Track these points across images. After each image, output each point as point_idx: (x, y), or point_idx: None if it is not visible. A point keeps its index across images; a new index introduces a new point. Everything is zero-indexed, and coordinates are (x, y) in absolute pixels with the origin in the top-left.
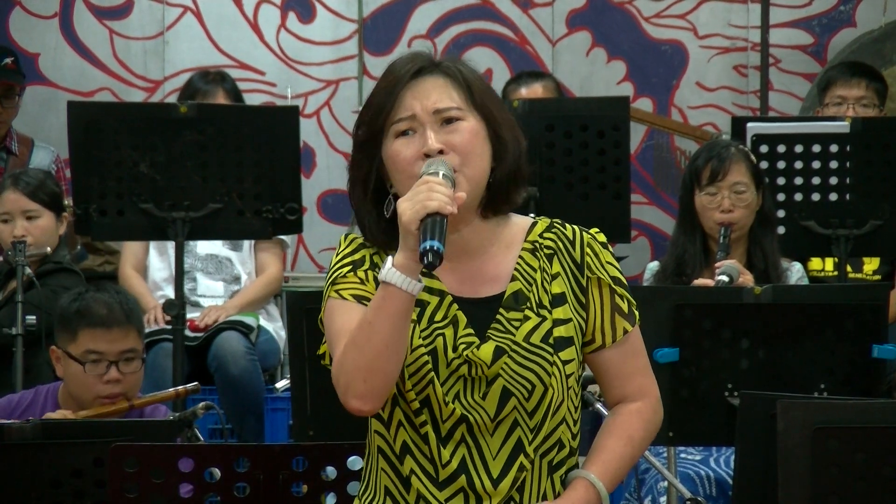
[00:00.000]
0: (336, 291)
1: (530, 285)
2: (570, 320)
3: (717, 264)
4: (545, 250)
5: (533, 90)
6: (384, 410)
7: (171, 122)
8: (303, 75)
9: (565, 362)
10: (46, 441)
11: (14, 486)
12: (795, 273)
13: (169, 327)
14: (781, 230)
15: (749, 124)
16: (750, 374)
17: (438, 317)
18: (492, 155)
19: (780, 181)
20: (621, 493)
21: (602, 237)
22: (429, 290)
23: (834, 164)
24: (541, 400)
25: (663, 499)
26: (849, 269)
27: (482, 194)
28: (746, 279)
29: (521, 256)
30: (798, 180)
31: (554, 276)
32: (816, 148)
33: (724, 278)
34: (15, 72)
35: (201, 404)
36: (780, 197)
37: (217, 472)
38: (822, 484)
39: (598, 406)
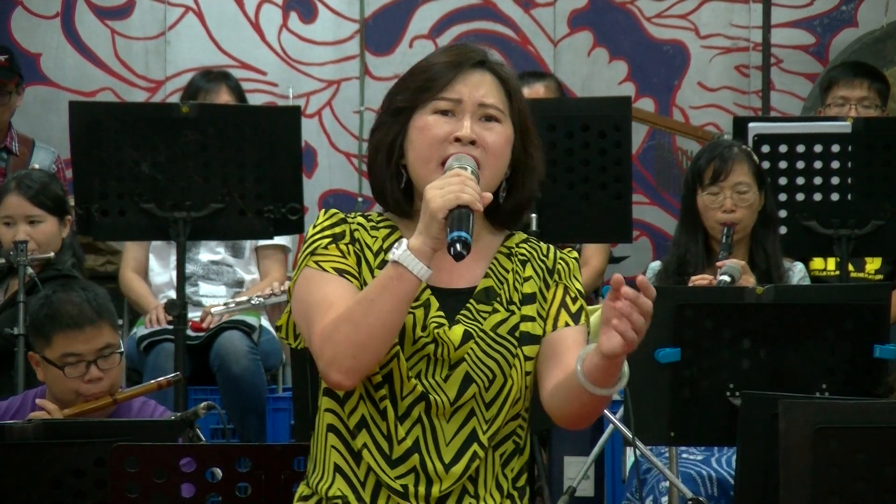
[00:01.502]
0: (316, 262)
1: (501, 284)
2: (535, 319)
3: (719, 264)
4: (519, 256)
5: (534, 90)
6: None
7: (173, 122)
8: (304, 75)
9: (527, 358)
10: (47, 441)
11: (15, 486)
12: (797, 273)
13: (171, 327)
14: (783, 230)
15: (751, 124)
16: (751, 374)
17: (412, 302)
18: (511, 167)
19: (782, 181)
20: (623, 493)
21: (574, 254)
22: None
23: (836, 164)
24: (500, 391)
25: (665, 499)
26: (851, 268)
27: (492, 190)
28: (748, 279)
29: (495, 258)
30: (800, 180)
31: (526, 279)
32: (818, 148)
33: (726, 278)
34: (8, 69)
35: (203, 404)
36: (782, 197)
37: (218, 472)
38: (823, 484)
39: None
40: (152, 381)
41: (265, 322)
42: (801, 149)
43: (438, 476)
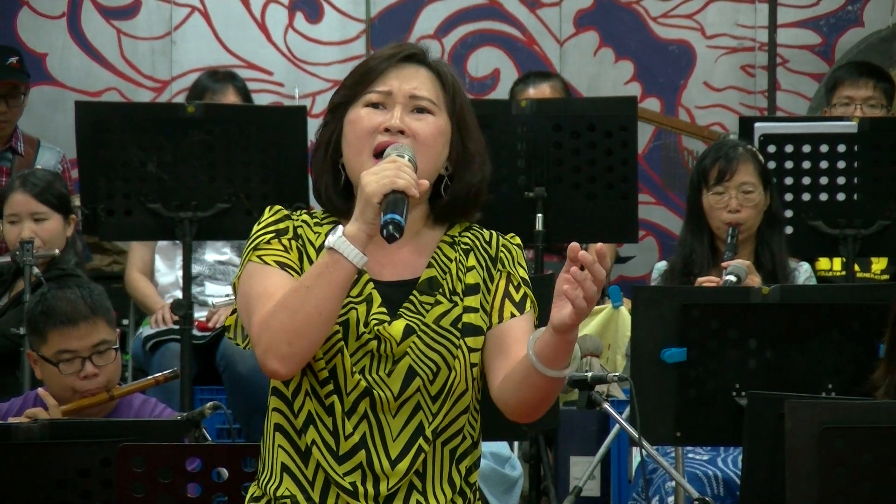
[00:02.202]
0: (258, 256)
1: (445, 273)
2: (478, 310)
3: (725, 264)
4: (462, 245)
5: (540, 90)
6: (292, 380)
7: (179, 122)
8: (310, 75)
9: (471, 350)
10: (53, 441)
11: (21, 486)
12: (803, 273)
13: (177, 327)
14: (789, 230)
15: (757, 124)
16: (757, 374)
17: (354, 293)
18: (452, 162)
19: (788, 181)
20: (629, 492)
21: (517, 240)
22: None
23: (841, 164)
24: (444, 384)
25: (671, 499)
26: (857, 268)
27: (428, 194)
28: (754, 279)
29: (438, 247)
30: (806, 180)
31: (469, 269)
32: (824, 148)
33: (732, 278)
34: (20, 71)
35: (209, 404)
36: (788, 197)
37: (224, 472)
38: (829, 484)
39: (606, 406)
40: (149, 378)
41: None
42: (807, 149)
43: (385, 473)
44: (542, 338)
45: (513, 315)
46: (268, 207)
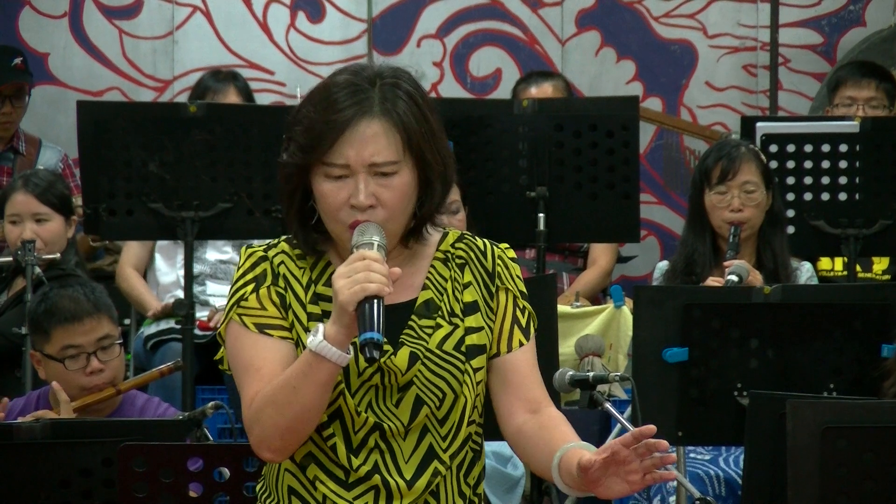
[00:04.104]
0: (238, 316)
1: (441, 294)
2: (482, 328)
3: (727, 263)
4: (457, 260)
5: (542, 90)
6: None
7: (181, 121)
8: (312, 75)
9: (476, 370)
10: (55, 440)
11: (23, 486)
12: (805, 273)
13: (178, 327)
14: (791, 230)
15: (758, 124)
16: (759, 374)
17: (334, 382)
18: (417, 198)
19: (790, 181)
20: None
21: (511, 252)
22: None
23: (843, 164)
24: (452, 408)
25: (672, 498)
26: (858, 268)
27: (402, 232)
28: (756, 279)
29: (432, 266)
30: (808, 180)
31: (466, 286)
32: (826, 147)
33: (734, 278)
34: (24, 72)
35: (211, 404)
36: (790, 196)
37: (226, 472)
38: (831, 483)
39: (608, 406)
40: (154, 370)
41: None
42: (808, 148)
43: (401, 492)
44: (569, 464)
45: (521, 343)
46: (243, 249)
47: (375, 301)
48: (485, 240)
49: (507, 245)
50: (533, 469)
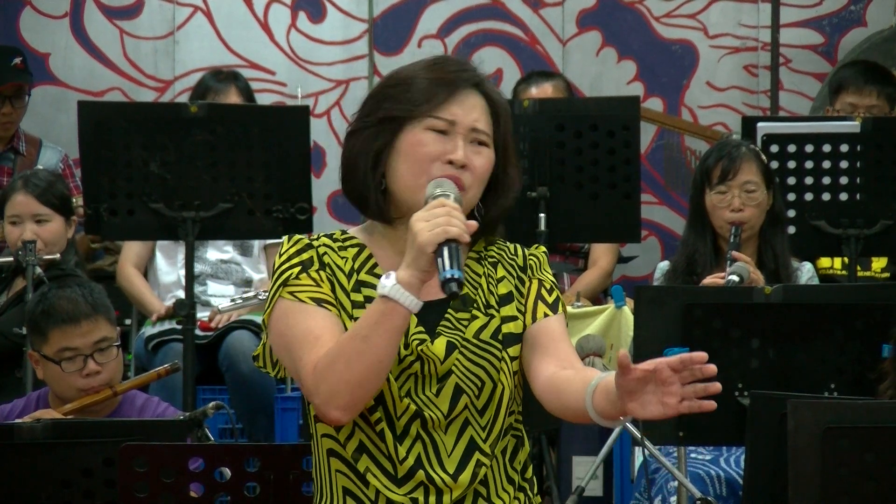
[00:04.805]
0: (290, 293)
1: (476, 289)
2: (516, 318)
3: (735, 255)
4: (489, 259)
5: (543, 90)
6: None
7: (182, 121)
8: (313, 75)
9: (513, 358)
10: (56, 441)
11: (24, 486)
12: (806, 273)
13: (179, 327)
14: (792, 230)
15: (759, 124)
16: (760, 374)
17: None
18: (492, 188)
19: (791, 181)
20: (631, 492)
21: (543, 248)
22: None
23: (844, 164)
24: (490, 397)
25: (674, 499)
26: (857, 267)
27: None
28: (756, 279)
29: (466, 265)
30: (808, 180)
31: (500, 280)
32: (827, 148)
33: (735, 278)
34: (23, 72)
35: (212, 404)
36: (791, 197)
37: (227, 472)
38: (832, 484)
39: None
40: (152, 371)
41: None
42: (809, 148)
43: (447, 486)
44: (604, 400)
45: (546, 315)
46: (285, 238)
47: (455, 244)
48: (515, 244)
49: (537, 245)
50: (561, 408)
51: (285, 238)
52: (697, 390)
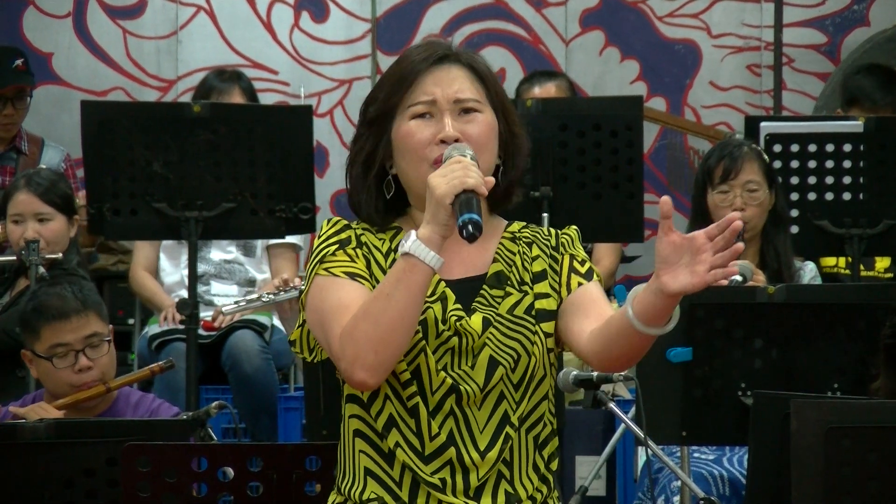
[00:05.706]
0: (326, 269)
1: (510, 266)
2: (550, 295)
3: (730, 263)
4: (524, 240)
5: (546, 90)
6: None
7: (185, 121)
8: (316, 75)
9: (547, 335)
10: (59, 440)
11: (27, 486)
12: (808, 272)
13: (182, 327)
14: (795, 229)
15: (762, 124)
16: (763, 374)
17: (427, 293)
18: (502, 151)
19: (794, 180)
20: (634, 492)
21: (574, 226)
22: None
23: (847, 164)
24: (525, 371)
25: (676, 498)
26: (861, 267)
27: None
28: (759, 279)
29: (500, 244)
30: (811, 180)
31: (534, 258)
32: (830, 147)
33: (738, 278)
34: (25, 73)
35: (215, 403)
36: (794, 196)
37: (230, 472)
38: (835, 483)
39: (612, 405)
40: (145, 368)
41: (277, 321)
42: (812, 148)
43: (475, 464)
44: (642, 298)
45: (580, 284)
46: (325, 220)
47: (472, 194)
48: (549, 227)
49: (569, 224)
50: (607, 344)
51: (325, 220)
52: (725, 259)
